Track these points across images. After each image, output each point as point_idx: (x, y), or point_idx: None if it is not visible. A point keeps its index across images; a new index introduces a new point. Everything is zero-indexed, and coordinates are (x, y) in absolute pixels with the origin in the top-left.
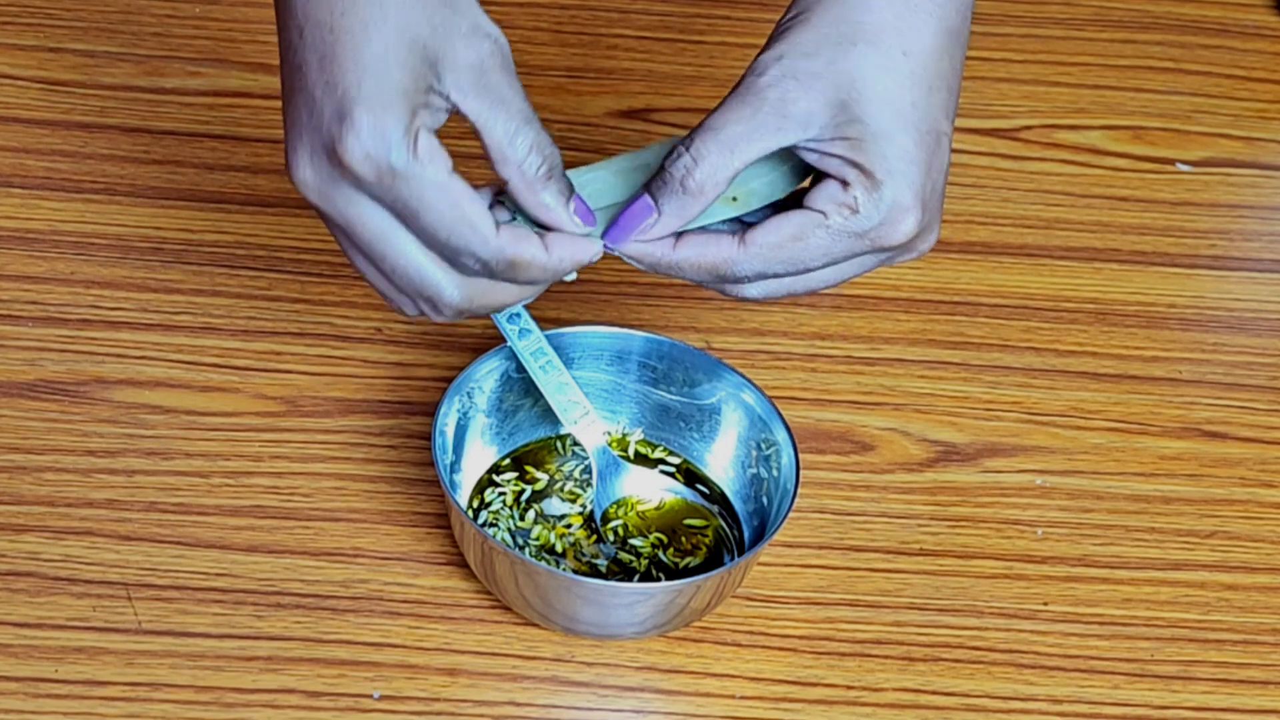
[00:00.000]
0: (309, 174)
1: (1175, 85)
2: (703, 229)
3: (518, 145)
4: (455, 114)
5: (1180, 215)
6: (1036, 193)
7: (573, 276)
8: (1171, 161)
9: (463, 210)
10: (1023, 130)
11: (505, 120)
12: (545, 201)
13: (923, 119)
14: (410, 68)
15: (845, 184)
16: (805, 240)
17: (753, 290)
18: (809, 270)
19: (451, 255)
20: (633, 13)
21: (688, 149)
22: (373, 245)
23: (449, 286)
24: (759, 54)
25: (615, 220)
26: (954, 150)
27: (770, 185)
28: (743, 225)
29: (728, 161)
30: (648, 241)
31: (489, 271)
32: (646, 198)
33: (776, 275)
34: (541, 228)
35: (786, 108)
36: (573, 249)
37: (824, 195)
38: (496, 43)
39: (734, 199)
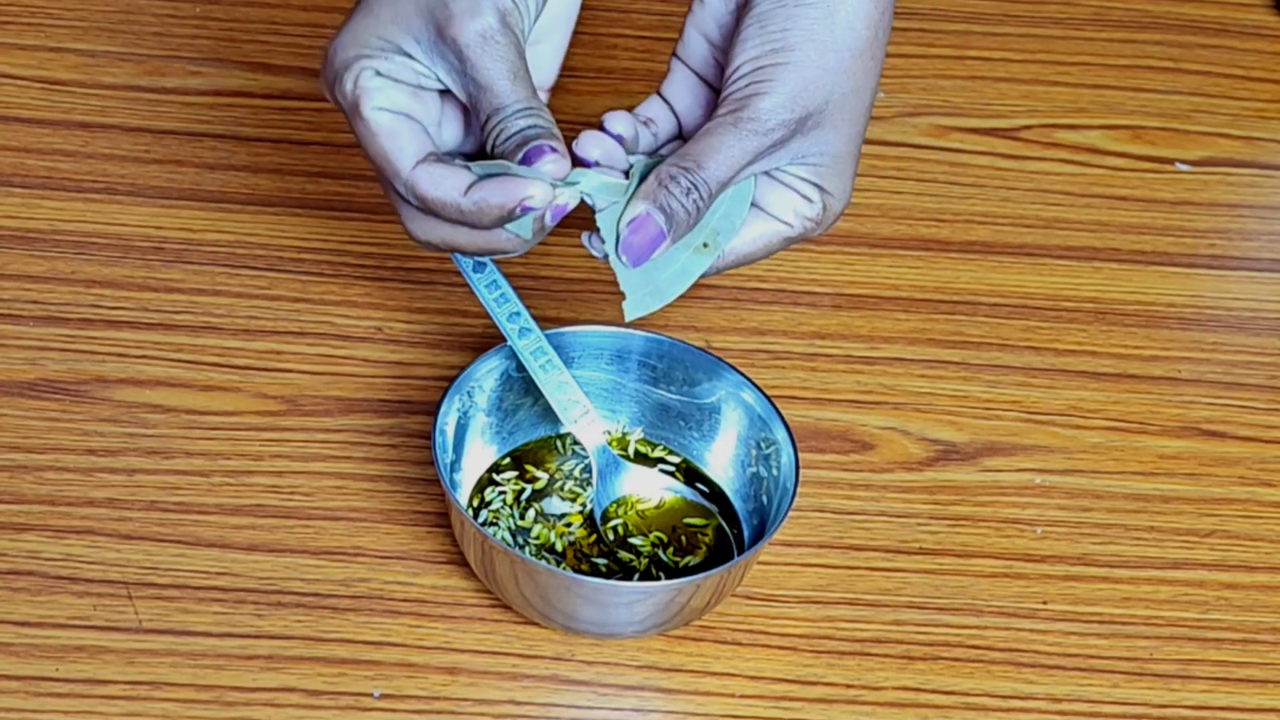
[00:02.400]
0: (325, 66)
1: (1174, 85)
2: None
3: (491, 122)
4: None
5: (1179, 215)
6: (1036, 192)
7: (527, 235)
8: (1171, 161)
9: (380, 144)
10: (1022, 130)
11: (489, 100)
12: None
13: (862, 141)
14: (402, 21)
15: (808, 200)
16: (767, 245)
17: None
18: (750, 263)
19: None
20: (633, 12)
21: (695, 184)
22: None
23: (400, 207)
24: (758, 96)
25: (626, 240)
26: (953, 150)
27: (726, 219)
28: None
29: (721, 193)
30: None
31: (407, 199)
32: (657, 222)
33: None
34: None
35: (783, 145)
36: (498, 191)
37: (789, 206)
38: (504, 17)
39: (705, 245)
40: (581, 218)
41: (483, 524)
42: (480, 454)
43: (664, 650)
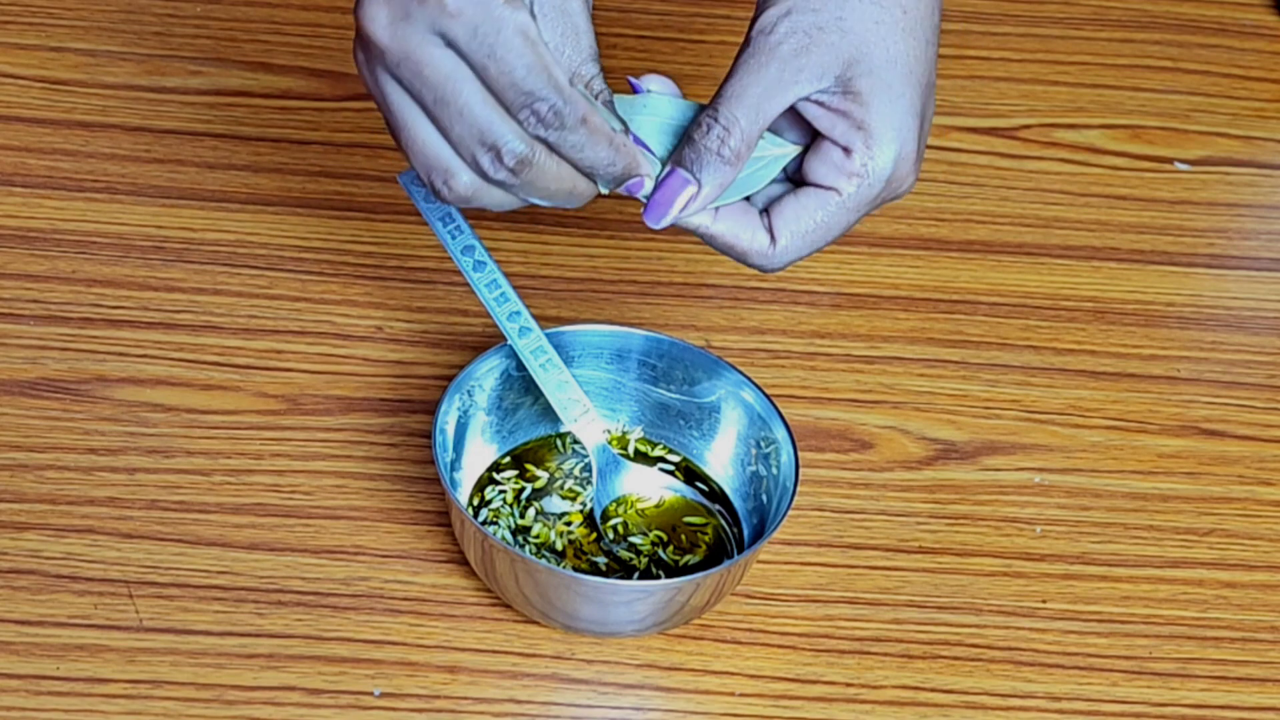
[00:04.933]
0: (382, 12)
1: (1173, 84)
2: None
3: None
4: None
5: (1178, 214)
6: (1035, 191)
7: (604, 191)
8: (1170, 160)
9: (540, 55)
10: (1021, 129)
11: (573, 52)
12: (599, 118)
13: (922, 73)
14: None
15: (848, 150)
16: (828, 221)
17: (779, 264)
18: (832, 241)
19: (520, 106)
20: (633, 12)
21: (717, 119)
22: (440, 88)
23: (513, 136)
24: (762, 9)
25: (653, 197)
26: (953, 149)
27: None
28: (767, 214)
29: (755, 123)
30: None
31: (560, 123)
32: (681, 173)
33: (802, 258)
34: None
35: (800, 60)
36: (635, 156)
37: (830, 168)
38: None
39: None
40: (584, 215)
41: (483, 523)
42: (480, 453)
43: (664, 649)
